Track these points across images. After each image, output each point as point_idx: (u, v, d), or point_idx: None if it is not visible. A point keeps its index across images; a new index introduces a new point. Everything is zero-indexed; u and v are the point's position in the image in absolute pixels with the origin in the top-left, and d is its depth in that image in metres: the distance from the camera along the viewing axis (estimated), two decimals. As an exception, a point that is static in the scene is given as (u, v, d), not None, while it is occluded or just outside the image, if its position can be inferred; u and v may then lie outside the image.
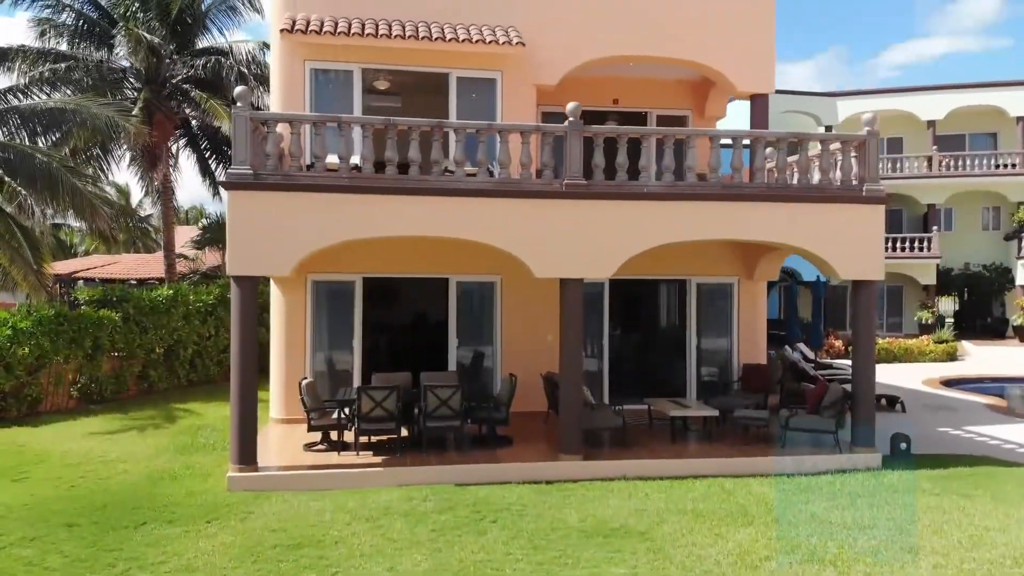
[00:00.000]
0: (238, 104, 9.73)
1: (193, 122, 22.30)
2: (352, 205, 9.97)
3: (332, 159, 10.55)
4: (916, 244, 30.73)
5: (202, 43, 22.34)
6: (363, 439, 10.62)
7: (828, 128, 33.03)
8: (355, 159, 10.80)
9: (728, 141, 11.09)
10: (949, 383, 21.07)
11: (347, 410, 10.80)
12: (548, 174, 10.53)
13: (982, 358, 26.86)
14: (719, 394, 13.73)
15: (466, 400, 10.71)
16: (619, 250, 10.51)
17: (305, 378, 11.47)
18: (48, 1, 20.17)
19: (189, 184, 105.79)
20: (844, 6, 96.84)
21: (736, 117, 17.85)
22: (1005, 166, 31.21)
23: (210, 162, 24.29)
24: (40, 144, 17.62)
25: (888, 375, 21.23)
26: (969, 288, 32.40)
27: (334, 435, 11.10)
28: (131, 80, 21.62)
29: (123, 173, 64.94)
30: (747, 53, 13.88)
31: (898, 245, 30.75)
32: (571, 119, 10.51)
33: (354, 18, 12.84)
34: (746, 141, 11.06)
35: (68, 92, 18.88)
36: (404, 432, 11.04)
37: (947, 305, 30.60)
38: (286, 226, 9.78)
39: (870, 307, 11.07)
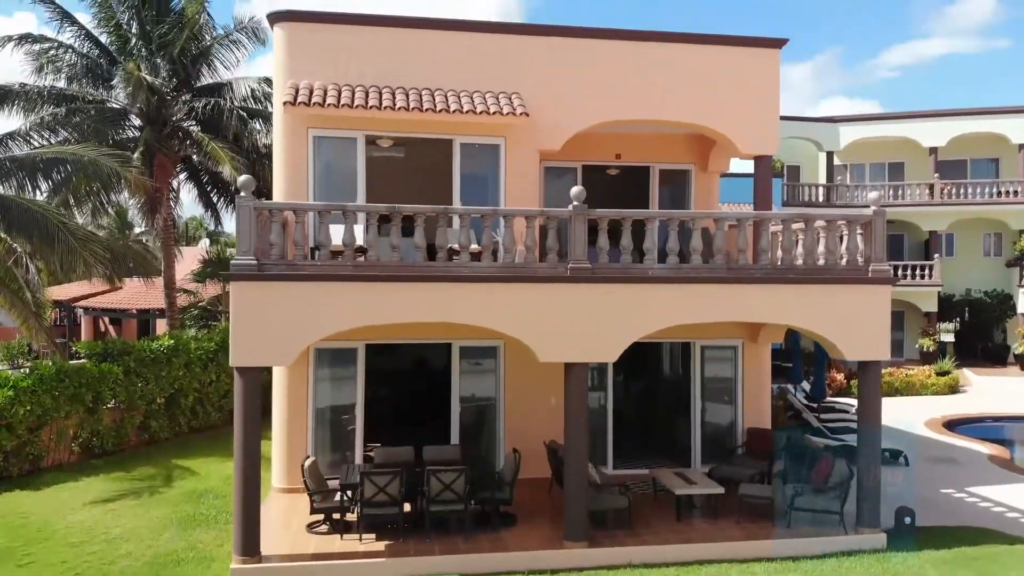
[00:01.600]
0: (242, 194, 9.69)
1: (195, 157, 22.20)
2: (356, 293, 9.94)
3: (337, 241, 10.50)
4: (918, 271, 30.70)
5: (205, 79, 22.24)
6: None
7: (829, 155, 33.01)
8: (359, 238, 10.73)
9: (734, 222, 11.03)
10: (951, 425, 21.06)
11: (350, 492, 10.76)
12: (552, 257, 10.50)
13: (983, 390, 26.86)
14: (723, 458, 13.69)
15: (469, 484, 10.66)
16: (624, 334, 10.48)
17: (308, 457, 11.43)
18: (48, 44, 20.07)
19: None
20: (842, 7, 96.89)
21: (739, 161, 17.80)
22: (1007, 193, 31.18)
23: (211, 195, 24.27)
24: (41, 188, 17.63)
25: (890, 411, 21.08)
26: (970, 314, 32.39)
27: (336, 514, 11.05)
28: (131, 119, 21.57)
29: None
30: (751, 118, 13.83)
31: (900, 272, 30.70)
32: (575, 203, 10.47)
33: (358, 86, 12.78)
34: (751, 222, 11.02)
35: (69, 136, 18.78)
36: (407, 507, 11.01)
37: (948, 336, 30.57)
38: (290, 315, 9.74)
39: (876, 387, 11.03)
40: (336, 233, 10.53)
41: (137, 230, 39.87)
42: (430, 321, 10.19)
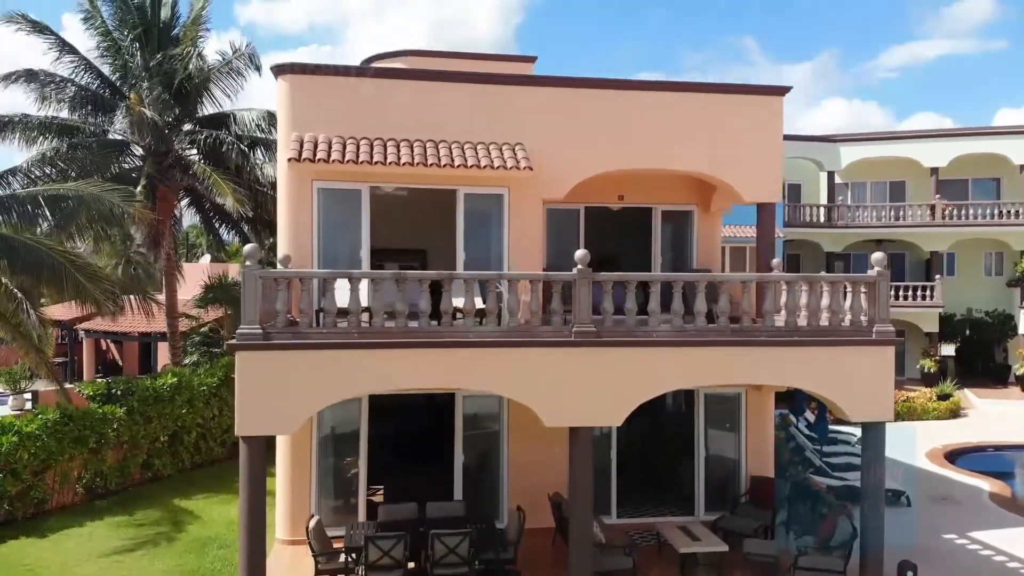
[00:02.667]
0: (247, 263, 9.71)
1: (197, 187, 22.19)
2: (361, 360, 9.96)
3: (342, 302, 10.51)
4: (919, 292, 30.72)
5: (207, 108, 22.23)
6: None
7: (830, 175, 33.03)
8: (364, 299, 10.73)
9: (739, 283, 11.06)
10: (952, 456, 21.10)
11: (354, 555, 10.79)
12: (557, 320, 10.52)
13: (985, 415, 26.89)
14: (727, 506, 13.74)
15: (473, 547, 10.69)
16: (629, 397, 10.51)
17: (312, 516, 11.46)
18: (49, 78, 20.07)
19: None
20: (841, 9, 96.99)
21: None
22: (1008, 214, 31.20)
23: (214, 221, 24.29)
24: (43, 226, 17.62)
25: (891, 438, 20.90)
26: (971, 334, 32.42)
27: (341, 575, 11.08)
28: (133, 149, 21.58)
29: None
30: (754, 165, 13.84)
31: (901, 293, 30.75)
32: (579, 267, 10.49)
33: (362, 138, 12.79)
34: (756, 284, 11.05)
35: (70, 170, 18.79)
36: (412, 564, 11.04)
37: (948, 352, 30.65)
38: (296, 384, 9.77)
39: (880, 450, 11.06)
40: (341, 290, 10.52)
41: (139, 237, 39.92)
42: (436, 387, 10.19)
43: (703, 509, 14.05)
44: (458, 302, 10.58)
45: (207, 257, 40.72)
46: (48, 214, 17.37)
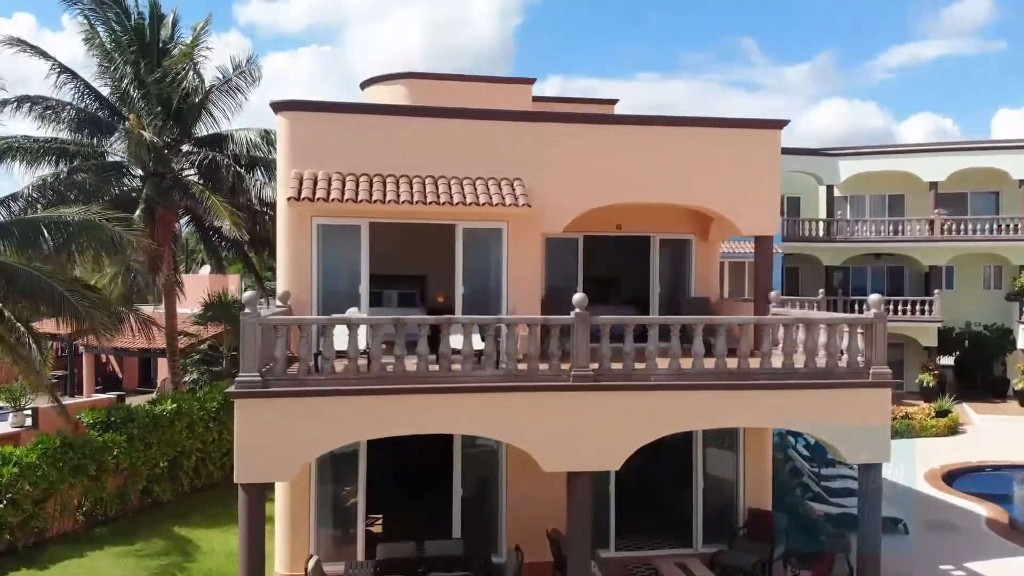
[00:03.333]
0: (246, 311, 9.76)
1: (196, 210, 22.24)
2: (360, 407, 10.02)
3: (340, 345, 10.54)
4: (918, 307, 30.78)
5: (205, 128, 22.26)
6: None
7: (829, 188, 33.09)
8: (361, 343, 10.78)
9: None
10: (951, 476, 21.17)
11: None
12: (555, 363, 10.56)
13: (983, 431, 26.96)
14: (725, 539, 13.79)
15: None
16: (627, 441, 10.57)
17: (311, 557, 11.51)
18: (48, 103, 20.12)
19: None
20: (840, 10, 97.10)
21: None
22: (1007, 228, 31.26)
23: (212, 239, 24.32)
24: (43, 249, 17.69)
25: (890, 456, 21.27)
26: (970, 347, 32.48)
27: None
28: (132, 170, 21.63)
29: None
30: (752, 199, 13.87)
31: (900, 308, 30.82)
32: (577, 310, 10.54)
33: (362, 175, 12.84)
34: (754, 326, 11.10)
35: (68, 194, 18.87)
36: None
37: (947, 362, 30.84)
38: (294, 431, 9.82)
39: (878, 492, 11.12)
40: (340, 335, 10.57)
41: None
42: (434, 432, 10.25)
43: (701, 541, 14.08)
44: (456, 343, 10.64)
45: (207, 268, 40.77)
46: (49, 239, 17.47)
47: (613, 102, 20.76)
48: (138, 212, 19.41)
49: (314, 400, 9.87)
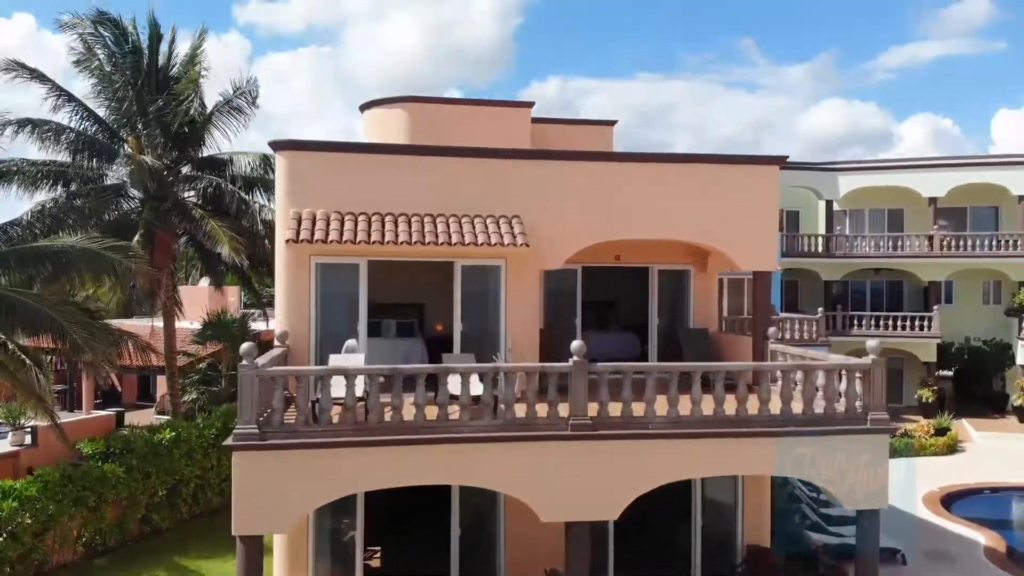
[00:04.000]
0: (244, 362, 9.76)
1: (195, 235, 22.21)
2: (357, 459, 10.02)
3: (338, 391, 10.54)
4: (917, 323, 30.78)
5: (205, 149, 22.26)
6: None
7: (829, 203, 33.09)
8: (359, 388, 10.78)
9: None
10: (950, 500, 21.18)
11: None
12: (553, 412, 10.57)
13: (982, 449, 26.97)
14: (724, 571, 13.80)
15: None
16: (626, 491, 10.58)
17: (310, 600, 11.53)
18: (48, 125, 20.11)
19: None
20: (839, 10, 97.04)
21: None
22: (1006, 244, 31.25)
23: (212, 260, 24.29)
24: (43, 275, 17.73)
25: (890, 476, 21.28)
26: (969, 362, 32.48)
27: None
28: (130, 193, 21.63)
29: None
30: (750, 234, 13.90)
31: (899, 323, 30.84)
32: (575, 358, 10.54)
33: (360, 214, 12.84)
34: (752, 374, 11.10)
35: (67, 220, 18.88)
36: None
37: (946, 373, 30.96)
38: (292, 483, 9.82)
39: (875, 537, 11.13)
40: (337, 385, 10.57)
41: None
42: (431, 483, 10.26)
43: (700, 574, 14.10)
44: (454, 388, 10.65)
45: (206, 279, 40.74)
46: (48, 268, 17.51)
47: (612, 123, 20.94)
48: (137, 238, 19.41)
49: (312, 452, 9.87)
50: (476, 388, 10.76)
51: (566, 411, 10.56)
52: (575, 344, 10.65)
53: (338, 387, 10.51)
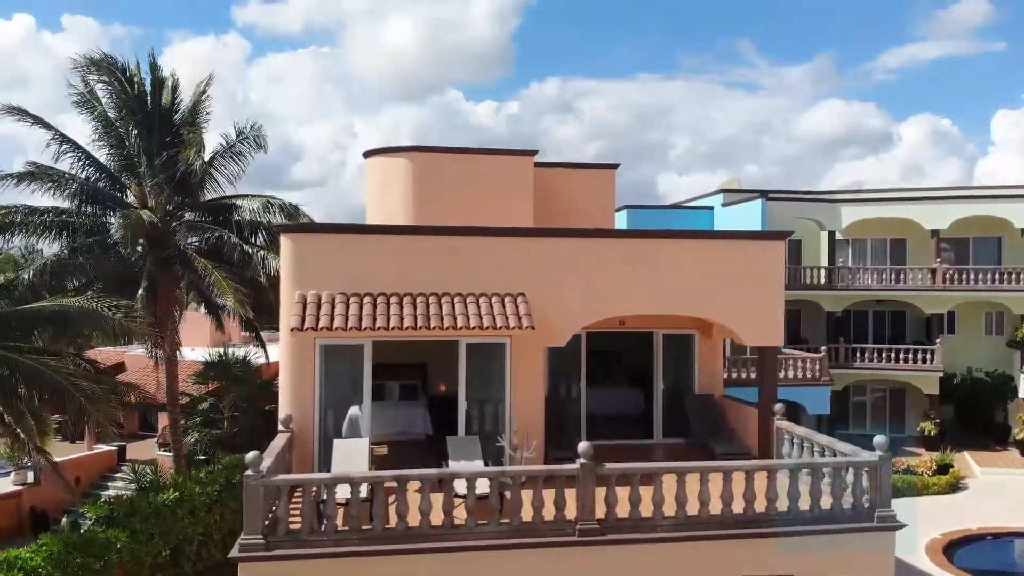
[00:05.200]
0: (248, 472, 9.71)
1: (198, 286, 22.10)
2: (363, 567, 9.97)
3: (343, 494, 10.50)
4: (919, 356, 30.74)
5: (208, 193, 22.15)
6: None
7: (831, 234, 33.05)
8: (364, 491, 10.73)
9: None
10: (952, 547, 21.15)
11: None
12: (560, 517, 10.51)
13: (985, 487, 26.95)
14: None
15: None
16: (633, 594, 10.52)
17: None
18: (50, 176, 20.04)
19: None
20: (838, 11, 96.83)
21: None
22: (1008, 277, 31.19)
23: (214, 305, 24.22)
24: (45, 336, 17.74)
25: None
26: (971, 394, 32.45)
27: None
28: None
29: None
30: (755, 310, 13.88)
31: (901, 356, 30.81)
32: (582, 460, 10.49)
33: (365, 295, 12.80)
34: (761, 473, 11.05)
35: (71, 278, 18.87)
36: None
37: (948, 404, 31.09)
38: (298, 593, 9.79)
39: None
40: (342, 489, 10.53)
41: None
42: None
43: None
44: (460, 488, 10.61)
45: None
46: (51, 329, 17.51)
47: (614, 166, 20.88)
48: (140, 292, 19.37)
49: (317, 563, 9.83)
50: (482, 486, 10.72)
51: (573, 513, 10.51)
52: (582, 446, 10.59)
53: (343, 491, 10.48)
